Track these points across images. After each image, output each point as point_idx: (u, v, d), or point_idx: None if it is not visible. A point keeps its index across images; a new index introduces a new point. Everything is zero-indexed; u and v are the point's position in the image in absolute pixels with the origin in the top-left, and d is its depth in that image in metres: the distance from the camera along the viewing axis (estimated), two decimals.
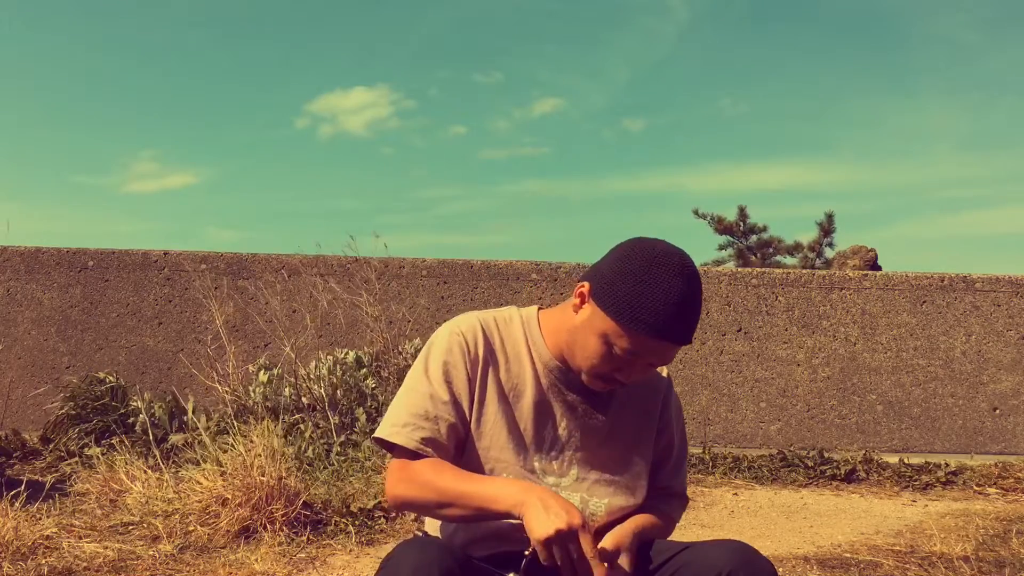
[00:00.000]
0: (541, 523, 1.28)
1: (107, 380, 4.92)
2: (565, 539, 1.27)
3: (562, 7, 30.50)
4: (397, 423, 1.44)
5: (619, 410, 1.52)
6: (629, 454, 1.53)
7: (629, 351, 1.37)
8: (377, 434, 1.47)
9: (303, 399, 4.78)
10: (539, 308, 1.57)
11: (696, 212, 18.96)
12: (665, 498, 1.60)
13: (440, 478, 1.39)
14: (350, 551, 3.16)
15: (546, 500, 1.31)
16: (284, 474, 3.34)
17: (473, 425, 1.46)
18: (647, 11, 29.51)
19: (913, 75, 29.39)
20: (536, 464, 1.47)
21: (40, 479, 3.96)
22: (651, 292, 1.35)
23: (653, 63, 31.19)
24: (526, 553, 1.34)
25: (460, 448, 1.47)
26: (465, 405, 1.46)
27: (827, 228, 18.05)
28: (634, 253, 1.39)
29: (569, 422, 1.49)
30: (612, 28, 30.01)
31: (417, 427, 1.43)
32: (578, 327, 1.42)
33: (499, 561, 1.40)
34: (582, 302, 1.43)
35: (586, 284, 1.42)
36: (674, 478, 1.61)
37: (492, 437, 1.46)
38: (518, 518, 1.33)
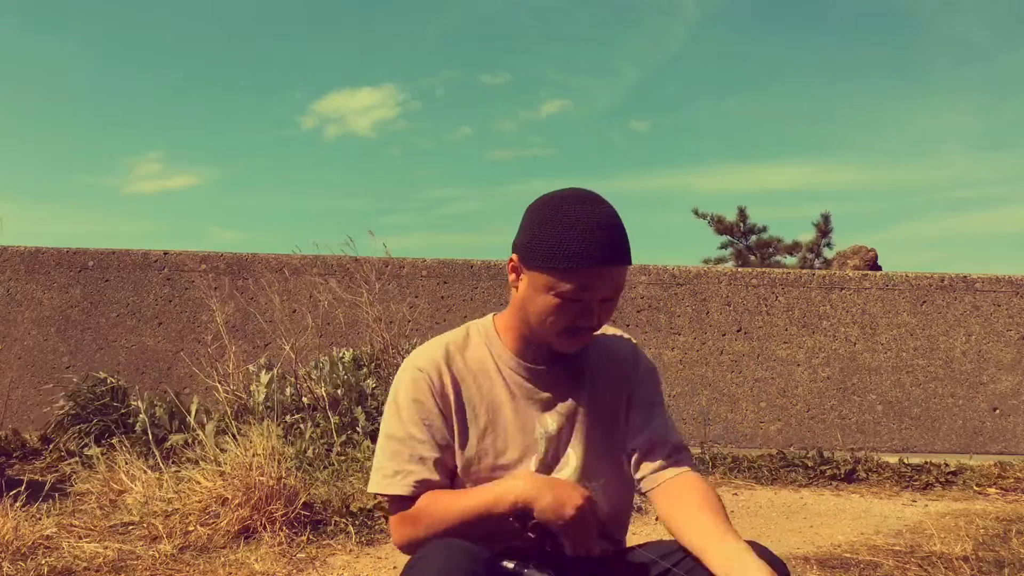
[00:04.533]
0: (562, 503, 1.33)
1: (107, 380, 4.92)
2: (589, 509, 1.34)
3: (571, 6, 30.49)
4: (388, 473, 1.46)
5: (594, 390, 1.53)
6: (615, 431, 1.53)
7: (577, 291, 1.38)
8: (371, 489, 1.49)
9: (303, 399, 4.78)
10: (494, 315, 1.58)
11: (696, 212, 18.98)
12: (676, 457, 1.51)
13: (438, 510, 1.42)
14: (350, 551, 3.16)
15: (549, 483, 1.36)
16: (284, 474, 3.34)
17: (460, 452, 1.47)
18: (657, 10, 29.49)
19: (923, 75, 29.38)
20: (534, 468, 1.48)
21: (40, 479, 3.96)
22: (568, 229, 1.37)
23: (662, 63, 31.19)
24: (545, 547, 1.37)
25: (452, 477, 1.48)
26: (444, 438, 1.47)
27: (824, 229, 18.07)
28: (538, 208, 1.44)
29: (551, 418, 1.50)
30: (622, 27, 30.00)
31: (407, 473, 1.45)
32: (524, 298, 1.45)
33: (507, 556, 1.41)
34: (517, 275, 1.46)
35: (513, 257, 1.46)
36: (670, 431, 1.53)
37: (485, 458, 1.47)
38: (525, 512, 1.35)
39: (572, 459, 1.49)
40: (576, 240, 1.36)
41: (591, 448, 1.50)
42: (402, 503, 1.46)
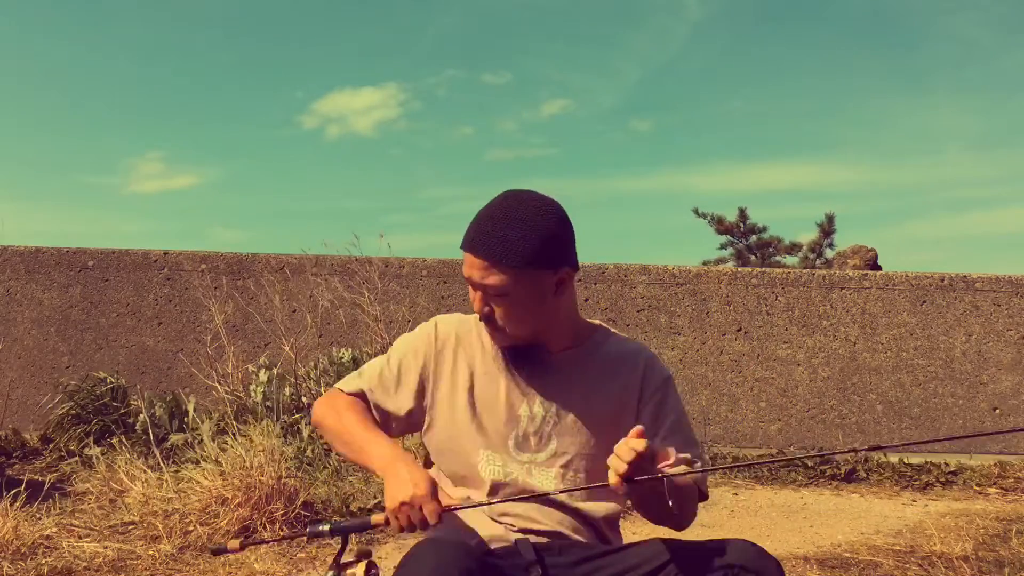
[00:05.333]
0: (390, 494, 1.39)
1: (107, 380, 4.92)
2: (407, 510, 1.36)
3: (573, 6, 30.37)
4: (352, 377, 1.63)
5: (594, 384, 1.56)
6: (607, 427, 1.53)
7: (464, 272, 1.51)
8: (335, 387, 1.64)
9: (303, 399, 4.78)
10: None
11: (696, 211, 18.93)
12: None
13: (349, 415, 1.54)
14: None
15: (400, 472, 1.40)
16: (284, 474, 3.34)
17: (441, 405, 1.57)
18: (660, 10, 29.35)
19: (924, 74, 29.25)
20: (510, 442, 1.53)
21: (40, 479, 3.96)
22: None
23: (663, 62, 31.01)
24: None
25: (387, 422, 1.58)
26: (411, 391, 1.57)
27: (827, 229, 18.04)
28: None
29: (544, 400, 1.54)
30: (624, 27, 29.86)
31: (361, 381, 1.60)
32: None
33: (500, 557, 1.41)
34: None
35: None
36: (691, 447, 1.53)
37: (469, 416, 1.54)
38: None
39: (552, 446, 1.53)
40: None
41: (573, 440, 1.53)
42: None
